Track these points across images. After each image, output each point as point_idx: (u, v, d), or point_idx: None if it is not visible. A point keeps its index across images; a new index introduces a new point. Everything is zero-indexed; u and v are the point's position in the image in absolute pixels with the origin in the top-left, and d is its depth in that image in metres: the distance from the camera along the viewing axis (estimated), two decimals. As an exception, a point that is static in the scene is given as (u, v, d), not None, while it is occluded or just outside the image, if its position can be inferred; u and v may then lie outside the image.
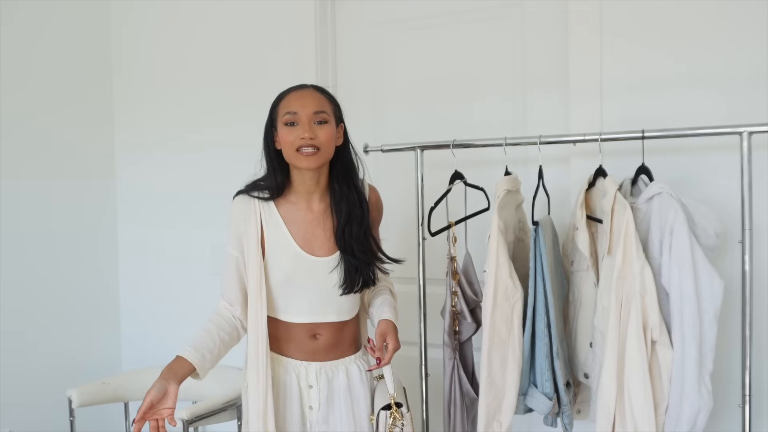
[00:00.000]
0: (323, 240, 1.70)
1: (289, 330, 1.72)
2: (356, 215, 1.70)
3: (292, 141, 1.62)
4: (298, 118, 1.63)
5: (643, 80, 2.00)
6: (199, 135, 2.75)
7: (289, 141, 1.63)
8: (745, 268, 1.62)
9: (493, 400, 1.75)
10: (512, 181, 1.85)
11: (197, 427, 2.36)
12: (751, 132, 1.61)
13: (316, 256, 1.69)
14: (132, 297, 2.95)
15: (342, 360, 1.74)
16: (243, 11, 2.63)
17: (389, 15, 2.45)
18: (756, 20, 1.87)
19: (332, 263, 1.69)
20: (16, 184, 2.57)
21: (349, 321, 1.76)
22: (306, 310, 1.70)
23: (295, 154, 1.63)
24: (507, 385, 1.74)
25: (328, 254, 1.70)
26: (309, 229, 1.70)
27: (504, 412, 1.74)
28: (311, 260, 1.68)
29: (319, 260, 1.69)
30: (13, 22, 2.56)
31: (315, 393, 1.71)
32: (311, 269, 1.68)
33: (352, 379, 1.74)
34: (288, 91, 1.70)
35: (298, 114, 1.63)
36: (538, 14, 2.22)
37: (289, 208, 1.71)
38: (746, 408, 1.64)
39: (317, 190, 1.71)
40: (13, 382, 2.53)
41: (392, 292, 1.83)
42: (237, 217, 1.71)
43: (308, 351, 1.72)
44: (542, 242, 1.73)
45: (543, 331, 1.74)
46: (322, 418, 1.71)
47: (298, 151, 1.62)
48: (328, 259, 1.69)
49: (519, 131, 2.21)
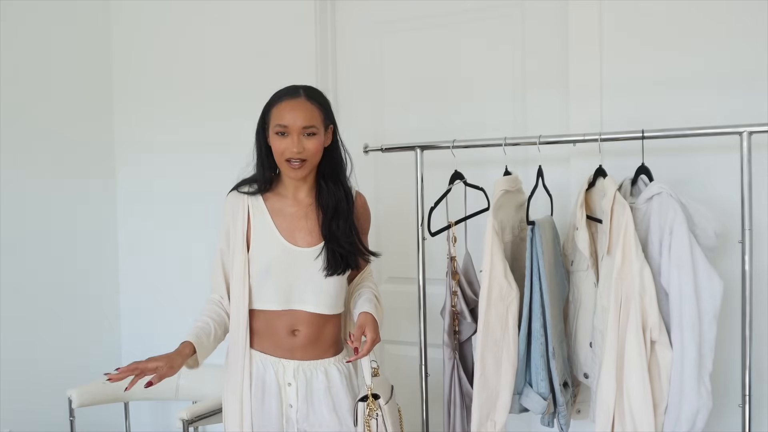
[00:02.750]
0: (307, 231, 1.75)
1: (269, 324, 1.75)
2: (342, 210, 1.76)
3: (282, 151, 1.70)
4: (288, 130, 1.68)
5: (643, 80, 2.00)
6: (198, 134, 2.75)
7: (279, 150, 1.70)
8: (745, 268, 1.62)
9: (486, 400, 1.75)
10: (510, 182, 1.85)
11: (197, 427, 2.35)
12: (751, 132, 1.61)
13: (299, 246, 1.74)
14: (132, 297, 2.95)
15: (321, 361, 1.76)
16: (243, 11, 2.63)
17: (389, 15, 2.45)
18: (756, 20, 1.87)
19: (315, 253, 1.74)
20: (16, 183, 2.58)
21: (329, 318, 1.77)
22: (285, 297, 1.73)
23: (283, 162, 1.71)
24: (501, 385, 1.74)
25: (312, 245, 1.74)
26: (294, 221, 1.76)
27: (498, 411, 1.74)
28: (295, 250, 1.73)
29: (303, 250, 1.74)
30: (13, 21, 2.56)
31: (293, 391, 1.74)
32: (294, 258, 1.73)
33: (332, 380, 1.76)
34: (281, 97, 1.73)
35: (289, 127, 1.68)
36: (538, 14, 2.22)
37: (276, 201, 1.77)
38: (746, 408, 1.63)
39: (305, 185, 1.78)
40: (13, 382, 2.53)
41: (375, 292, 1.86)
42: (227, 213, 1.79)
43: (287, 348, 1.74)
44: (539, 242, 1.73)
45: (539, 331, 1.74)
46: (302, 416, 1.74)
47: (287, 161, 1.70)
48: (311, 250, 1.74)
49: (519, 131, 2.21)
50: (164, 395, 2.67)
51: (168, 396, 2.67)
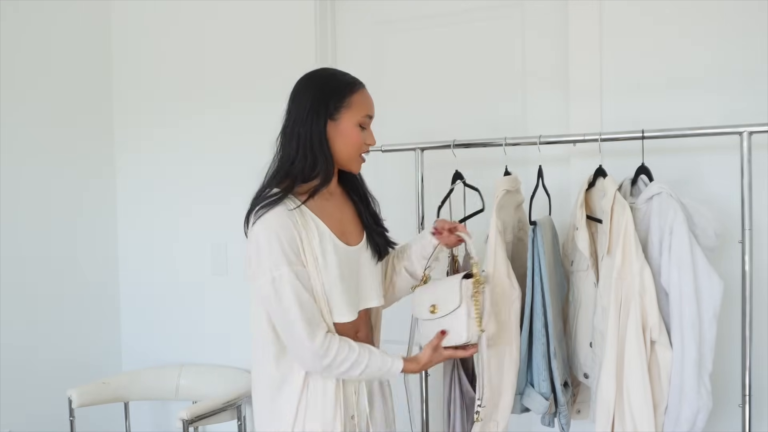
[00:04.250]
0: (352, 226, 1.63)
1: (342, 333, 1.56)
2: (368, 194, 1.70)
3: (360, 145, 1.57)
4: (369, 123, 1.58)
5: (643, 80, 2.00)
6: (199, 134, 2.75)
7: (358, 143, 1.56)
8: (745, 268, 1.62)
9: (489, 401, 1.75)
10: (511, 181, 1.85)
11: (197, 427, 2.36)
12: (751, 132, 1.61)
13: (352, 245, 1.59)
14: (132, 297, 2.95)
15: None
16: (243, 11, 2.63)
17: (389, 14, 2.45)
18: (756, 20, 1.87)
19: (365, 245, 1.63)
20: (16, 183, 2.57)
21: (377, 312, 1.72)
22: (355, 303, 1.57)
23: (357, 157, 1.59)
24: (504, 385, 1.73)
25: (360, 238, 1.63)
26: (339, 217, 1.60)
27: (501, 411, 1.74)
28: (351, 250, 1.58)
29: (356, 248, 1.60)
30: (14, 22, 2.56)
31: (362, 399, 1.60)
32: (353, 258, 1.59)
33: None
34: (356, 84, 1.59)
35: (371, 119, 1.58)
36: (538, 14, 2.22)
37: (317, 203, 1.54)
38: (746, 408, 1.63)
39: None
40: (13, 382, 2.53)
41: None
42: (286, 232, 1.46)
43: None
44: (540, 242, 1.73)
45: (540, 331, 1.74)
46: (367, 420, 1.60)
47: (359, 155, 1.59)
48: (362, 243, 1.63)
49: (519, 131, 2.21)
50: (164, 395, 2.67)
51: (168, 396, 2.67)
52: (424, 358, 1.58)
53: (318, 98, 1.53)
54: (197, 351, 2.77)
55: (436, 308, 1.60)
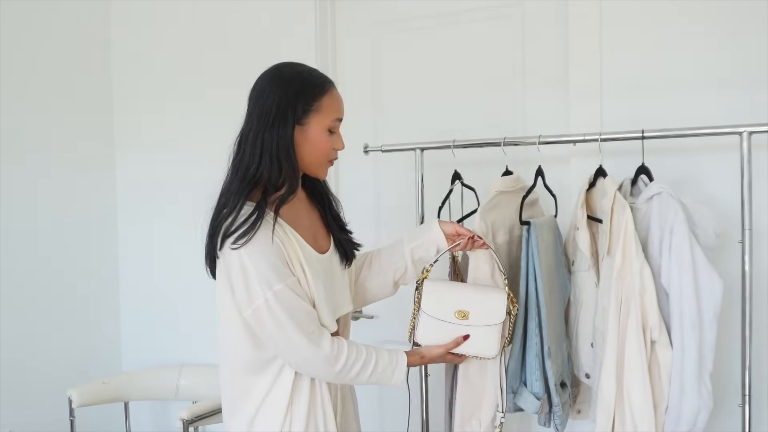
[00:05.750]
0: (320, 230, 1.55)
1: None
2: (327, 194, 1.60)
3: (329, 151, 1.46)
4: (339, 126, 1.46)
5: (643, 80, 2.00)
6: (198, 134, 2.75)
7: (326, 150, 1.45)
8: (745, 268, 1.62)
9: (468, 400, 1.73)
10: (508, 182, 1.84)
11: (197, 427, 2.35)
12: (751, 132, 1.61)
13: (323, 253, 1.51)
14: (132, 297, 2.95)
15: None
16: (243, 11, 2.63)
17: (389, 15, 2.45)
18: (756, 20, 1.87)
19: (334, 250, 1.56)
20: (16, 183, 2.58)
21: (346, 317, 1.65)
22: (334, 311, 1.49)
23: (324, 163, 1.48)
24: (486, 384, 1.72)
25: (329, 244, 1.56)
26: (308, 224, 1.52)
27: (484, 410, 1.73)
28: (324, 258, 1.50)
29: (328, 254, 1.53)
30: (13, 19, 2.56)
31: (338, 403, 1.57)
32: (327, 266, 1.51)
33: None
34: (329, 83, 1.47)
35: (341, 122, 1.46)
36: (538, 14, 2.22)
37: (288, 212, 1.44)
38: (746, 408, 1.63)
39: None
40: (13, 382, 2.53)
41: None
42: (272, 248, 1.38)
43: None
44: (534, 242, 1.72)
45: (534, 331, 1.73)
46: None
47: (328, 161, 1.48)
48: (331, 250, 1.55)
49: (519, 131, 2.21)
50: (164, 395, 2.67)
51: (168, 396, 2.67)
52: (430, 355, 1.54)
53: (284, 100, 1.41)
54: (197, 351, 2.77)
55: (468, 315, 1.55)
